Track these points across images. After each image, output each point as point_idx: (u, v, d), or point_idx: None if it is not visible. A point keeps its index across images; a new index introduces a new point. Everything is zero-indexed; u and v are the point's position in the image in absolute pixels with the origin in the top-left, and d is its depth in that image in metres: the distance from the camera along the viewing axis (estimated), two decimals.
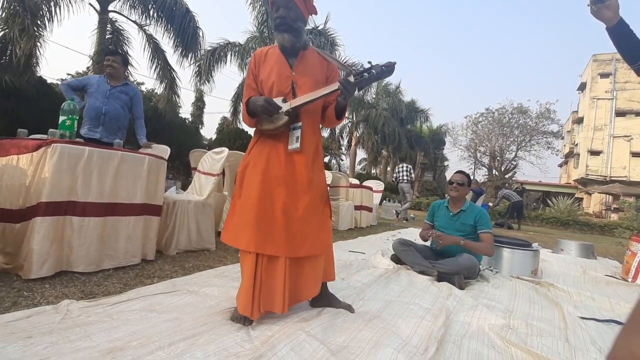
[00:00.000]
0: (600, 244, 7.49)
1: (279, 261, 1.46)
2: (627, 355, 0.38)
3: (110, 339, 1.20)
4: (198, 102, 21.81)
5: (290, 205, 1.49)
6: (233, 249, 2.94)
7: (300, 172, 1.52)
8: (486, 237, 2.62)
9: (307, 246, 1.51)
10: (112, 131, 3.04)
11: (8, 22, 5.90)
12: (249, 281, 1.44)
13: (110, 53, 3.21)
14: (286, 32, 1.52)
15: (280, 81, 1.54)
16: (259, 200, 1.46)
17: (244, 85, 1.63)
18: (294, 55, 1.59)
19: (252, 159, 1.54)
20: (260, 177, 1.48)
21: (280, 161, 1.51)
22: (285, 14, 1.50)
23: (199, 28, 8.80)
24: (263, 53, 1.62)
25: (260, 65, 1.59)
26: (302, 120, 1.53)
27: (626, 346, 0.39)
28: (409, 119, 22.03)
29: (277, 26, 1.53)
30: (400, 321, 1.63)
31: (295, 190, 1.51)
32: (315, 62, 1.62)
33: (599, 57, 24.57)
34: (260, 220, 1.45)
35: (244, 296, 1.43)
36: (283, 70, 1.55)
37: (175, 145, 8.18)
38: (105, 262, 1.99)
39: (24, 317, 1.29)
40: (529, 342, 1.54)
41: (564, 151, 29.86)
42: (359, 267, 2.71)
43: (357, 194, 5.84)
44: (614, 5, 1.16)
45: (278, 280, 1.46)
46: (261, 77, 1.57)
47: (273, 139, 1.54)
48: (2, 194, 1.87)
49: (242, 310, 1.43)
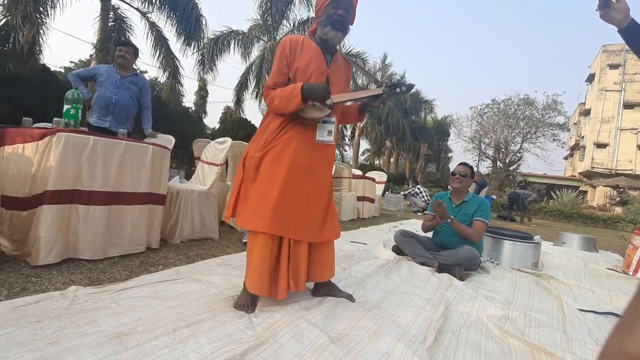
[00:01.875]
0: (604, 237, 7.48)
1: (302, 244, 1.56)
2: (618, 353, 0.39)
3: (117, 324, 1.23)
4: (201, 91, 21.69)
5: (314, 194, 1.58)
6: (236, 238, 2.97)
7: (327, 163, 1.64)
8: (477, 225, 2.63)
9: (325, 232, 1.62)
10: (121, 120, 3.08)
11: (10, 9, 5.86)
12: (263, 262, 1.48)
13: (122, 44, 3.23)
14: (342, 31, 1.58)
15: (317, 74, 1.56)
16: (284, 186, 1.49)
17: (273, 69, 1.60)
18: (330, 53, 1.64)
19: (278, 147, 1.53)
20: (288, 165, 1.51)
21: (309, 151, 1.55)
22: (346, 15, 1.56)
23: (202, 16, 8.70)
24: (299, 41, 1.60)
25: (297, 53, 1.57)
26: (334, 116, 1.60)
27: (617, 344, 0.40)
28: (413, 109, 21.86)
29: (335, 23, 1.55)
30: (400, 311, 1.66)
31: (320, 180, 1.60)
32: (344, 65, 1.71)
33: (608, 48, 24.09)
34: (285, 206, 1.49)
35: (258, 277, 1.48)
36: (320, 64, 1.58)
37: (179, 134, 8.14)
38: (110, 250, 2.03)
39: (33, 302, 1.32)
40: (526, 332, 1.56)
41: (569, 143, 29.55)
42: (360, 258, 2.74)
43: (360, 185, 5.85)
44: (623, 8, 1.14)
45: (302, 261, 1.56)
46: (297, 65, 1.55)
47: (303, 129, 1.56)
48: (9, 182, 1.90)
49: (256, 290, 1.48)
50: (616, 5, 1.14)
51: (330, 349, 1.23)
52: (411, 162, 25.78)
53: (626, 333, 0.40)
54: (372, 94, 1.60)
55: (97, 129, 2.94)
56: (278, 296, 1.51)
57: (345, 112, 1.77)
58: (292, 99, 1.46)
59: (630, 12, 1.16)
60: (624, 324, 0.42)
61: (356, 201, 5.63)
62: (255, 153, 1.56)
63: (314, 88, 1.45)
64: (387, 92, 1.55)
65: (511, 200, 9.62)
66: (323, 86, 1.46)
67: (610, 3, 1.17)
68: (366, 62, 13.26)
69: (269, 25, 11.92)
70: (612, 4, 1.16)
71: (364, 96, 1.63)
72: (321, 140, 1.57)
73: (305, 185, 1.55)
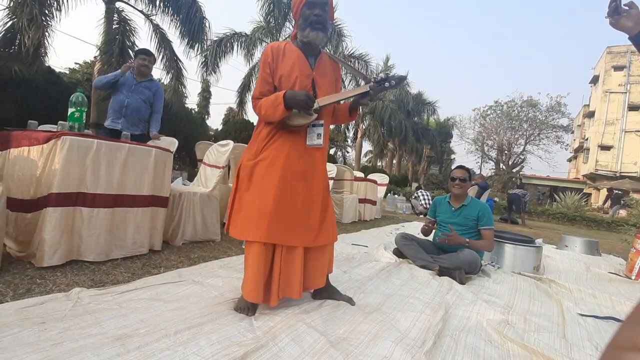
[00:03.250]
0: (607, 240, 7.43)
1: (297, 251, 1.55)
2: (629, 345, 0.39)
3: (119, 326, 1.25)
4: (204, 92, 21.79)
5: (309, 198, 1.58)
6: (237, 240, 2.99)
7: (319, 167, 1.63)
8: (487, 234, 2.65)
9: (322, 236, 1.62)
10: (133, 123, 3.23)
11: (16, 11, 5.92)
12: (258, 270, 1.49)
13: (145, 52, 3.36)
14: (321, 31, 1.56)
15: (302, 79, 1.55)
16: (279, 194, 1.50)
17: (258, 78, 1.62)
18: (313, 55, 1.63)
19: (270, 154, 1.54)
20: (280, 172, 1.51)
21: (300, 156, 1.56)
22: (323, 13, 1.55)
23: (205, 18, 8.74)
24: (280, 48, 1.59)
25: (279, 60, 1.57)
26: (323, 118, 1.59)
27: (629, 336, 0.40)
28: (415, 111, 21.80)
29: (313, 24, 1.54)
30: (399, 314, 1.66)
31: (314, 184, 1.60)
32: (330, 65, 1.70)
33: (613, 50, 23.94)
34: (280, 213, 1.50)
35: (253, 285, 1.48)
36: (304, 68, 1.57)
37: (182, 135, 8.24)
38: (114, 252, 2.05)
39: (38, 303, 1.35)
40: (525, 337, 1.56)
41: (573, 145, 29.38)
42: (361, 261, 2.75)
43: (362, 187, 5.86)
44: (635, 14, 1.10)
45: (297, 268, 1.55)
46: (281, 72, 1.55)
47: (293, 135, 1.56)
48: (15, 184, 1.93)
49: (252, 298, 1.48)
50: (627, 12, 1.11)
51: (330, 353, 1.24)
52: (414, 164, 25.72)
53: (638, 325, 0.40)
54: (358, 92, 1.57)
55: (110, 131, 3.15)
56: (270, 303, 1.51)
57: (337, 111, 1.75)
58: (276, 107, 1.47)
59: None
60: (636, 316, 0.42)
61: (358, 203, 5.64)
62: (248, 162, 1.57)
63: (296, 96, 1.44)
64: (374, 88, 1.52)
65: (511, 201, 9.52)
66: (306, 94, 1.45)
67: (620, 10, 1.12)
68: (369, 63, 13.25)
69: (271, 27, 11.97)
70: (623, 10, 1.12)
71: (350, 95, 1.60)
72: (311, 145, 1.57)
73: (299, 190, 1.55)
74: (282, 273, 1.53)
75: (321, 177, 1.65)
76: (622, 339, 0.41)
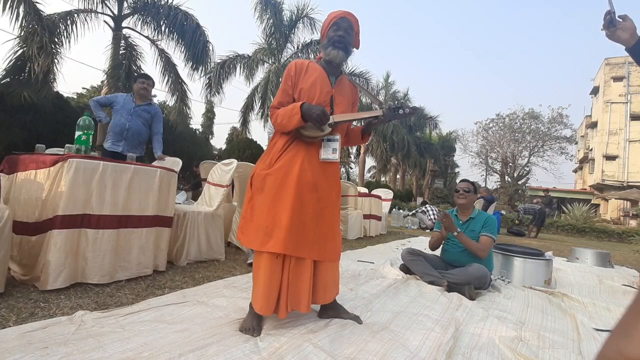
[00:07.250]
0: (618, 251, 7.26)
1: (306, 263, 1.55)
2: (616, 356, 0.38)
3: (122, 350, 1.23)
4: (208, 113, 22.21)
5: (320, 211, 1.58)
6: (242, 259, 2.96)
7: (332, 180, 1.66)
8: (484, 240, 2.60)
9: (328, 252, 1.62)
10: (134, 145, 3.32)
11: (27, 40, 6.14)
12: (270, 283, 1.49)
13: (144, 77, 3.48)
14: (342, 49, 1.64)
15: (321, 94, 1.61)
16: (294, 205, 1.51)
17: (279, 90, 1.68)
18: (335, 75, 1.71)
19: (284, 165, 1.56)
20: (294, 183, 1.52)
21: (314, 169, 1.58)
22: (345, 35, 1.63)
23: (209, 42, 9.01)
24: (304, 64, 1.68)
25: (302, 75, 1.64)
26: (338, 134, 1.63)
27: (615, 348, 0.39)
28: (417, 126, 21.96)
29: (335, 43, 1.62)
30: (408, 333, 1.62)
31: (326, 197, 1.61)
32: (349, 87, 1.76)
33: (611, 61, 24.17)
34: (294, 224, 1.50)
35: (265, 298, 1.48)
36: (324, 84, 1.64)
37: (186, 155, 8.33)
38: (118, 274, 2.04)
39: (41, 327, 1.33)
40: (540, 354, 1.51)
41: (578, 156, 29.23)
42: (367, 277, 2.70)
43: (366, 203, 5.83)
44: (629, 26, 1.12)
45: (305, 281, 1.55)
46: (302, 86, 1.62)
47: (307, 147, 1.59)
48: (20, 207, 1.94)
49: (264, 312, 1.48)
50: (622, 24, 1.12)
51: None
52: (418, 179, 25.67)
53: (625, 336, 0.39)
54: (373, 114, 1.64)
55: (111, 153, 3.20)
56: (279, 315, 1.52)
57: (350, 133, 1.81)
58: (293, 116, 1.51)
59: (637, 31, 1.13)
60: (623, 328, 0.41)
61: (363, 219, 5.60)
62: (262, 171, 1.59)
63: (312, 109, 1.48)
64: (387, 112, 1.59)
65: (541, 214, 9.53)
66: (322, 109, 1.48)
67: (615, 22, 1.14)
68: (369, 81, 13.49)
69: (273, 48, 12.29)
70: (618, 22, 1.14)
71: (364, 117, 1.67)
72: (326, 159, 1.60)
73: (312, 202, 1.56)
74: (291, 286, 1.53)
75: (334, 193, 1.66)
76: (609, 349, 0.40)
